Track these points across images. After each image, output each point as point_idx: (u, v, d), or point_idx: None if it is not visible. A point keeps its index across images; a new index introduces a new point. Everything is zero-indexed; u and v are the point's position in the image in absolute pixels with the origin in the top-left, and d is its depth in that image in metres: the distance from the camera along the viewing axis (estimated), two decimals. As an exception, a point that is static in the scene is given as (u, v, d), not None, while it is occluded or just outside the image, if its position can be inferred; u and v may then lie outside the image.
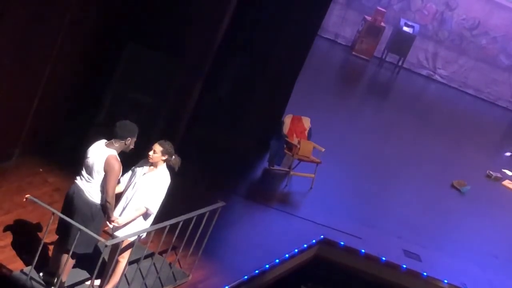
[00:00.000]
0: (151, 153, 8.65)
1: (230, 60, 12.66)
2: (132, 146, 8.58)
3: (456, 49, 21.65)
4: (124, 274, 9.23)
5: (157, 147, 8.64)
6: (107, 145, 8.52)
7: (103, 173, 8.44)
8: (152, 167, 8.73)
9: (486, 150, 18.49)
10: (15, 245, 9.41)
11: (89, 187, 8.58)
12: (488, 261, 13.77)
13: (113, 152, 8.47)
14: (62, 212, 8.71)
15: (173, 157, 8.73)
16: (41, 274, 8.94)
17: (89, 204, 8.57)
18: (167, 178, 8.82)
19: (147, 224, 8.95)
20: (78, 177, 8.66)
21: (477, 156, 17.70)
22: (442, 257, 13.23)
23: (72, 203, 8.63)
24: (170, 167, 8.85)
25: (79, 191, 8.60)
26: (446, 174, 16.06)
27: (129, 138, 8.54)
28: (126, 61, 11.20)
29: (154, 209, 8.82)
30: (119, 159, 8.44)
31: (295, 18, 13.47)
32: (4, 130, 10.56)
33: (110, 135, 8.61)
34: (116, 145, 8.51)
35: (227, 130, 13.02)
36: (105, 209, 8.56)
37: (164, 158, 8.69)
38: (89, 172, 8.55)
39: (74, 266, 9.00)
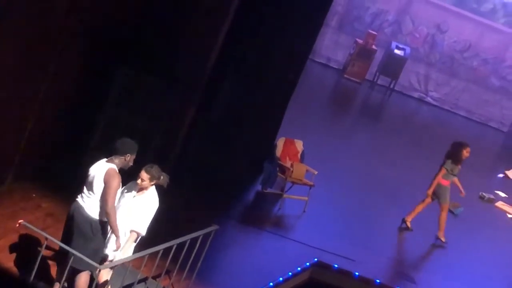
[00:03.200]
0: (139, 181, 8.78)
1: (223, 84, 12.66)
2: (131, 163, 8.78)
3: (447, 71, 21.75)
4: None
5: (144, 175, 8.79)
6: (107, 161, 8.71)
7: (103, 186, 8.58)
8: (142, 191, 8.85)
9: (478, 171, 18.52)
10: (11, 269, 9.36)
11: (90, 203, 8.71)
12: (483, 283, 13.77)
13: (113, 166, 8.64)
14: (63, 232, 8.89)
15: (161, 177, 8.82)
16: None
17: (88, 220, 8.67)
18: (156, 201, 8.92)
19: (134, 246, 9.03)
20: (79, 196, 8.81)
21: (470, 177, 17.67)
22: (436, 279, 13.23)
23: (72, 220, 8.76)
24: (159, 186, 8.96)
25: (79, 208, 8.72)
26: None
27: (128, 155, 8.74)
28: (119, 85, 11.22)
29: (144, 232, 8.90)
30: (119, 173, 8.59)
31: (286, 42, 13.50)
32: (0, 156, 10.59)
33: (109, 154, 8.79)
34: (116, 161, 8.69)
35: (220, 153, 13.02)
36: (109, 225, 8.69)
37: (153, 183, 8.81)
38: (90, 188, 8.68)
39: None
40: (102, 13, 11.19)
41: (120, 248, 8.86)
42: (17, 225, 9.39)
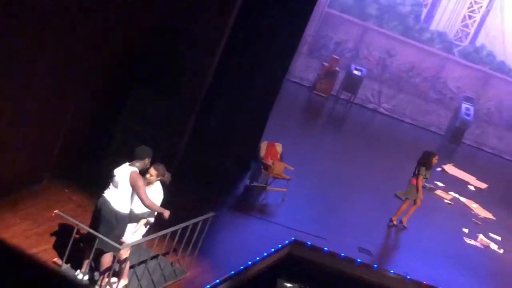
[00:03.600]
0: (147, 175, 8.79)
1: (217, 98, 12.57)
2: (148, 165, 8.82)
3: (395, 87, 21.72)
4: (135, 272, 9.21)
5: (153, 171, 8.85)
6: (130, 165, 8.75)
7: (127, 186, 8.63)
8: (149, 184, 8.83)
9: (422, 166, 18.43)
10: (48, 250, 9.42)
11: (115, 198, 8.69)
12: (426, 255, 13.74)
13: (135, 169, 8.67)
14: (91, 221, 8.93)
15: (166, 175, 8.83)
16: (78, 274, 9.06)
17: (114, 212, 8.67)
18: (162, 193, 8.97)
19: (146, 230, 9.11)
20: (105, 191, 8.80)
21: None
22: (389, 252, 13.21)
23: (100, 212, 8.75)
24: (163, 182, 8.99)
25: (106, 202, 8.71)
26: (390, 186, 16.05)
27: (147, 159, 8.81)
28: (133, 100, 11.16)
29: (153, 219, 9.04)
30: (140, 175, 8.67)
31: (268, 65, 13.44)
32: (37, 159, 10.54)
33: (130, 159, 8.83)
34: (137, 164, 8.74)
35: (216, 154, 12.95)
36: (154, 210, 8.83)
37: (158, 178, 8.84)
38: (115, 186, 8.68)
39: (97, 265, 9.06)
40: (121, 45, 11.13)
41: (135, 231, 8.95)
42: (53, 214, 9.32)
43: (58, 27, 9.57)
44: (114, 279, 9.07)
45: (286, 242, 11.98)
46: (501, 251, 14.98)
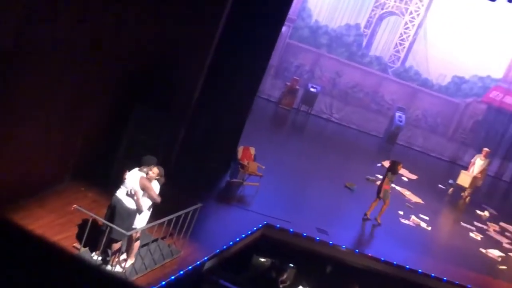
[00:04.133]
0: (150, 172, 8.81)
1: (202, 112, 12.51)
2: (153, 170, 8.83)
3: (343, 100, 21.74)
4: (139, 253, 9.18)
5: (155, 170, 8.84)
6: (139, 170, 8.76)
7: (137, 189, 8.65)
8: (150, 181, 8.85)
9: (365, 162, 18.55)
10: (69, 237, 9.36)
11: (126, 197, 8.67)
12: (370, 232, 13.76)
13: (143, 175, 8.70)
14: (107, 214, 8.91)
15: (162, 177, 8.91)
16: (94, 255, 9.01)
17: (126, 208, 8.67)
18: (158, 188, 8.94)
19: (147, 218, 9.03)
20: (117, 191, 8.77)
21: (360, 166, 17.74)
22: (341, 231, 13.18)
23: (115, 208, 8.73)
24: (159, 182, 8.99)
25: (119, 200, 8.69)
26: (341, 178, 16.08)
27: (152, 165, 8.80)
28: (136, 115, 11.09)
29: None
30: (146, 178, 8.72)
31: (242, 85, 13.43)
32: (59, 163, 10.48)
33: (139, 165, 8.87)
34: (145, 169, 8.74)
35: (202, 157, 12.89)
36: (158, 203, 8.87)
37: (158, 177, 8.79)
38: (127, 187, 8.65)
39: (109, 248, 9.00)
40: (125, 72, 11.05)
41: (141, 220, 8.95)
42: (72, 208, 9.21)
43: (77, 61, 9.55)
44: (123, 257, 9.04)
45: (260, 225, 11.94)
46: (429, 228, 15.03)
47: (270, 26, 13.39)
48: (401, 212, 15.34)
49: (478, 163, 17.57)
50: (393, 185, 16.94)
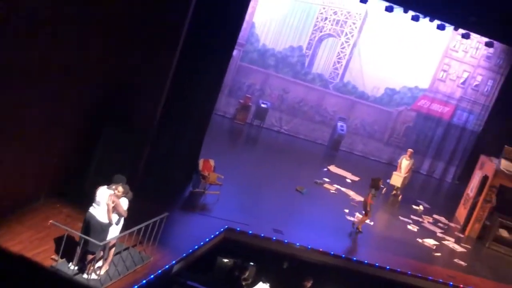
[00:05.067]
0: (116, 192, 8.77)
1: (164, 129, 12.39)
2: (122, 188, 8.73)
3: (291, 114, 21.84)
4: (112, 261, 9.02)
5: (120, 189, 8.77)
6: (108, 188, 8.63)
7: (107, 205, 8.51)
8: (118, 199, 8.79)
9: (313, 168, 18.67)
10: (47, 250, 9.17)
11: (99, 213, 8.55)
12: (321, 230, 13.81)
13: (112, 192, 8.58)
14: (82, 228, 8.76)
15: (129, 193, 8.83)
16: (71, 266, 8.85)
17: (99, 223, 8.56)
18: (127, 204, 8.82)
19: (119, 229, 8.93)
20: (91, 208, 8.66)
21: (309, 172, 17.85)
22: (295, 230, 13.21)
23: (89, 224, 8.62)
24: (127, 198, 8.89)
25: (92, 216, 8.57)
26: (292, 183, 16.11)
27: (121, 183, 8.66)
28: (106, 134, 10.95)
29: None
30: (116, 196, 8.62)
31: (200, 104, 13.40)
32: (35, 182, 10.29)
33: (109, 182, 8.73)
34: (113, 187, 8.59)
35: (166, 170, 12.75)
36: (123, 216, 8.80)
37: (124, 195, 8.67)
38: (98, 204, 8.54)
39: (84, 258, 8.83)
40: (94, 96, 10.90)
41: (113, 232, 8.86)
42: (49, 224, 9.03)
43: (49, 84, 9.41)
44: (98, 265, 8.89)
45: (222, 229, 11.89)
46: (372, 223, 15.17)
47: (222, 50, 13.42)
48: (346, 210, 15.45)
49: (404, 164, 17.77)
50: (337, 186, 17.13)
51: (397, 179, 17.53)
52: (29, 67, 8.84)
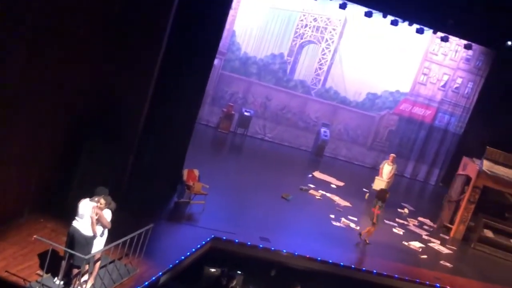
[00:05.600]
0: (98, 204, 8.73)
1: (147, 140, 12.36)
2: (105, 200, 8.66)
3: (274, 121, 21.88)
4: (98, 273, 8.97)
5: (102, 201, 8.76)
6: (91, 200, 8.58)
7: (90, 217, 8.44)
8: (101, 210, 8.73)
9: (298, 174, 18.71)
10: (32, 265, 9.07)
11: (82, 226, 8.48)
12: (307, 236, 13.83)
13: (95, 204, 8.53)
14: (67, 242, 8.67)
15: (111, 204, 8.79)
16: (56, 280, 8.74)
17: (83, 236, 8.50)
18: (110, 216, 8.77)
19: (104, 241, 8.86)
20: (73, 222, 8.58)
21: (294, 178, 17.89)
22: (282, 237, 13.21)
23: (73, 237, 8.54)
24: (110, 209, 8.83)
25: (76, 230, 8.50)
26: (278, 190, 16.14)
27: (103, 195, 8.61)
28: (87, 148, 10.89)
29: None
30: (99, 208, 8.57)
31: (183, 114, 13.40)
32: (18, 198, 10.21)
33: (91, 195, 8.68)
34: (96, 199, 8.55)
35: (150, 181, 12.68)
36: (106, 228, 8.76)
37: (106, 207, 8.65)
38: (81, 217, 8.47)
39: (70, 272, 8.77)
40: (75, 109, 10.84)
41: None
42: (33, 239, 8.96)
43: (29, 102, 9.39)
44: (83, 279, 8.82)
45: (208, 239, 11.86)
46: (358, 228, 15.21)
47: (203, 59, 13.43)
48: (332, 216, 15.49)
49: (387, 169, 17.77)
50: (322, 192, 17.17)
51: (380, 184, 17.56)
52: (6, 85, 8.81)
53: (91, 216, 8.42)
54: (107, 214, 8.65)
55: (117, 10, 10.75)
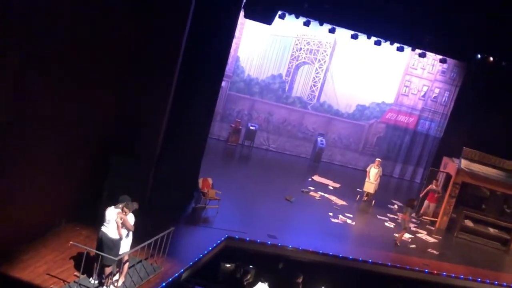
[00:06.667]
0: (122, 210, 8.75)
1: (166, 153, 12.40)
2: (128, 206, 8.72)
3: (277, 133, 21.88)
4: (128, 273, 8.99)
5: (125, 209, 8.77)
6: (115, 207, 8.66)
7: (115, 223, 8.50)
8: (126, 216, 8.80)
9: (299, 178, 18.66)
10: (70, 268, 9.11)
11: (110, 230, 8.54)
12: (309, 232, 13.80)
13: (119, 210, 8.59)
14: (97, 246, 8.71)
15: (135, 205, 8.72)
16: (91, 280, 8.79)
17: (111, 239, 8.54)
18: (133, 220, 8.81)
19: (129, 242, 8.90)
20: (102, 227, 8.65)
21: (295, 182, 17.86)
22: (287, 234, 13.20)
23: (102, 241, 8.60)
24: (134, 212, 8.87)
25: (104, 234, 8.56)
26: (282, 193, 16.16)
27: (125, 203, 8.68)
28: (114, 163, 10.95)
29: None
30: (123, 213, 8.62)
31: (197, 130, 13.49)
32: (56, 209, 10.27)
33: (116, 202, 8.74)
34: (120, 206, 8.62)
35: (170, 190, 12.73)
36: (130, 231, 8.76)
37: (130, 211, 8.70)
38: (108, 223, 8.52)
39: (102, 272, 8.77)
40: (104, 130, 10.92)
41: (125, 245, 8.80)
42: (69, 244, 9.00)
43: (63, 126, 9.47)
44: (115, 278, 8.85)
45: (222, 238, 11.87)
46: (354, 223, 15.20)
47: (212, 82, 13.53)
48: (331, 214, 15.47)
49: (373, 171, 17.52)
50: (321, 193, 17.16)
51: (370, 186, 17.39)
52: (43, 112, 8.95)
53: (116, 221, 8.46)
54: (131, 219, 8.71)
55: (133, 49, 10.86)
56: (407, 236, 15.25)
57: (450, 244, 15.89)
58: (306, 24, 18.54)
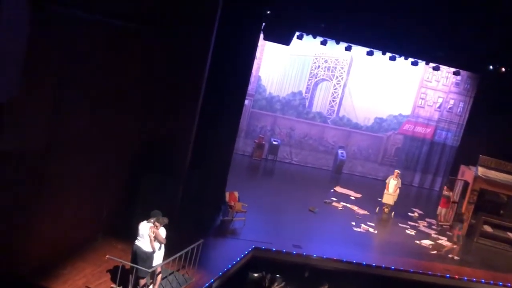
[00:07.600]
0: (154, 224, 8.75)
1: (194, 171, 12.46)
2: (159, 221, 8.73)
3: (299, 147, 21.83)
4: (161, 284, 9.01)
5: (157, 223, 8.79)
6: (147, 222, 8.69)
7: (148, 237, 8.52)
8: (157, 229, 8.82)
9: (321, 190, 18.51)
10: (107, 280, 9.12)
11: (143, 244, 8.56)
12: (333, 241, 13.67)
13: (151, 225, 8.61)
14: (131, 259, 8.74)
15: (165, 220, 8.69)
16: None
17: (144, 252, 8.56)
18: (164, 233, 8.81)
19: (162, 255, 8.87)
20: (136, 241, 8.69)
21: (318, 193, 17.74)
22: (311, 244, 13.09)
23: (136, 254, 8.63)
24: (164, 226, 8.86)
25: (138, 247, 8.59)
26: (305, 204, 16.06)
27: (157, 217, 8.69)
28: (145, 182, 11.02)
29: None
30: (155, 227, 8.63)
31: (223, 146, 13.56)
32: (93, 225, 10.37)
33: (148, 217, 8.77)
34: (152, 220, 8.64)
35: (199, 204, 12.76)
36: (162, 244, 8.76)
37: (161, 225, 8.73)
38: (142, 237, 8.55)
39: (137, 284, 8.79)
40: (136, 151, 11.02)
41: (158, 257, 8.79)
42: (106, 258, 9.06)
43: (99, 149, 9.67)
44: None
45: (250, 249, 11.83)
46: (376, 232, 15.00)
47: (236, 102, 13.63)
48: (353, 223, 15.30)
49: (392, 183, 17.13)
50: (343, 203, 16.99)
51: (389, 198, 17.05)
52: (82, 137, 9.12)
53: (149, 235, 8.51)
54: (162, 232, 8.75)
55: (159, 74, 10.97)
56: (428, 242, 14.97)
57: (470, 250, 15.53)
58: (323, 43, 18.58)
